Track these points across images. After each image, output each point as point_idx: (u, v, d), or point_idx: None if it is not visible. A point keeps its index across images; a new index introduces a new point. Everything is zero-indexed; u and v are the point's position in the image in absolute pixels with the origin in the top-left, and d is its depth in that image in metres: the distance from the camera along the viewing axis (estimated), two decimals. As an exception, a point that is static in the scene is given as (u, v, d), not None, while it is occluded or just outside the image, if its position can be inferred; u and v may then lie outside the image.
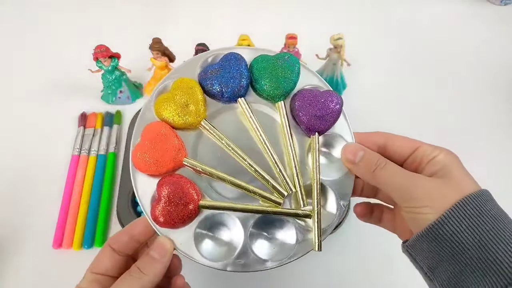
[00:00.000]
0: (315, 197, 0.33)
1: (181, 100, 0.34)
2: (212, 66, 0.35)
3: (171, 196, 0.31)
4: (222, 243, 0.33)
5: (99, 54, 0.56)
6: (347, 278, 0.50)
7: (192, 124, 0.34)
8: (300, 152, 0.35)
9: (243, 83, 0.34)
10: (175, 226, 0.32)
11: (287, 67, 0.35)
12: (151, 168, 0.32)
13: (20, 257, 0.50)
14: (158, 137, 0.33)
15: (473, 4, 0.79)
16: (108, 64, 0.57)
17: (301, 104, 0.35)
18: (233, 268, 0.32)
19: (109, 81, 0.60)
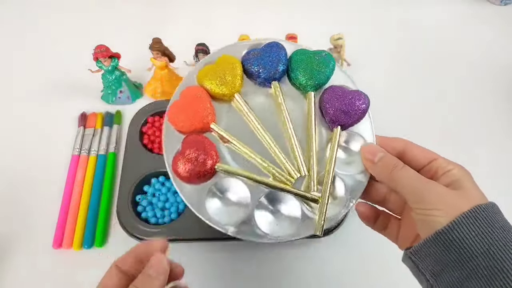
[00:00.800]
0: (326, 184, 0.34)
1: (221, 72, 0.37)
2: (255, 49, 0.39)
3: (192, 151, 0.34)
4: (229, 208, 0.35)
5: (99, 54, 0.56)
6: (347, 278, 0.50)
7: (226, 95, 0.37)
8: (320, 143, 0.37)
9: (279, 68, 0.37)
10: (190, 180, 0.34)
11: (323, 62, 0.37)
12: (181, 124, 0.36)
13: (20, 257, 0.50)
14: (194, 98, 0.36)
15: (473, 4, 0.79)
16: (108, 64, 0.57)
17: (329, 97, 0.37)
18: (234, 233, 0.34)
19: (109, 81, 0.60)
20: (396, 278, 0.50)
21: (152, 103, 0.61)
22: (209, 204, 0.34)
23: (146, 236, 0.50)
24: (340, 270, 0.50)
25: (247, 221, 0.34)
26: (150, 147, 0.58)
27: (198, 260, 0.51)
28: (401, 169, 0.32)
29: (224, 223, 0.34)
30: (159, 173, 0.54)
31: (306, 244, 0.52)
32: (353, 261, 0.51)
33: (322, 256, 0.51)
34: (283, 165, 0.35)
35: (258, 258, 0.51)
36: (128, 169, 0.54)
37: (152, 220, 0.51)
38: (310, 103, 0.37)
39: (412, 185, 0.31)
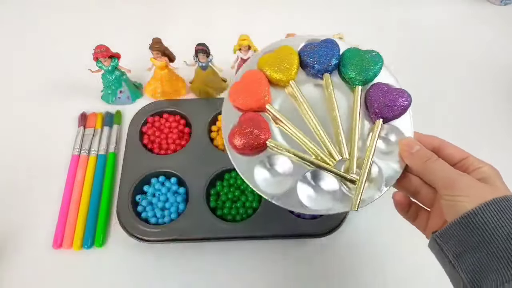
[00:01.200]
0: (365, 168, 0.38)
1: (279, 60, 0.41)
2: (312, 43, 0.43)
3: (248, 125, 0.38)
4: (275, 179, 0.39)
5: (99, 54, 0.56)
6: (347, 277, 0.50)
7: (282, 81, 0.41)
8: (362, 133, 0.40)
9: (332, 62, 0.41)
10: (244, 152, 0.39)
11: (372, 60, 0.41)
12: (240, 102, 0.40)
13: (20, 257, 0.50)
14: (255, 80, 0.40)
15: (473, 4, 0.79)
16: (108, 64, 0.57)
17: (375, 92, 0.40)
18: (276, 201, 0.38)
19: (109, 81, 0.60)
20: (396, 278, 0.50)
21: (152, 103, 0.61)
22: (257, 173, 0.38)
23: (146, 236, 0.50)
24: (340, 270, 0.50)
25: (289, 193, 0.38)
26: (150, 147, 0.58)
27: (198, 260, 0.51)
28: (434, 161, 0.35)
29: (269, 192, 0.38)
30: (159, 173, 0.54)
31: (306, 244, 0.52)
32: (353, 261, 0.51)
33: (322, 255, 0.51)
34: (327, 148, 0.39)
35: (258, 258, 0.51)
36: (128, 169, 0.55)
37: (152, 220, 0.51)
38: (357, 96, 0.41)
39: (444, 175, 0.34)
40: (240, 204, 0.52)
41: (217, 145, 0.57)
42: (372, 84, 0.41)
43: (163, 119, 0.60)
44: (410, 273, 0.50)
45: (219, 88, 0.64)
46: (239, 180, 0.54)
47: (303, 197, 0.38)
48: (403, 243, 0.52)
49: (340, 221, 0.51)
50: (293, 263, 0.51)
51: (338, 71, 0.42)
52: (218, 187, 0.54)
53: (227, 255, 0.51)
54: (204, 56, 0.57)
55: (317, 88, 0.42)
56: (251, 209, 0.52)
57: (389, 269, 0.51)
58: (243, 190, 0.53)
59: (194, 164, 0.55)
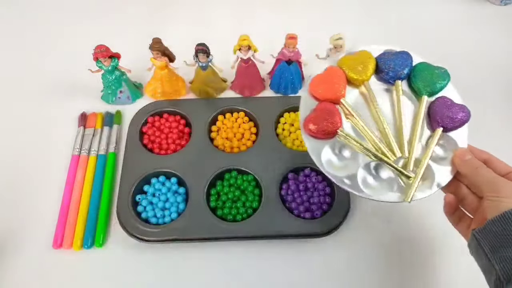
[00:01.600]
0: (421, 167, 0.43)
1: (358, 62, 0.47)
2: (390, 52, 0.48)
3: (322, 112, 0.44)
4: (340, 163, 0.44)
5: (99, 54, 0.56)
6: (346, 277, 0.50)
7: (357, 80, 0.47)
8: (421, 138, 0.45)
9: (405, 71, 0.47)
10: (317, 135, 0.44)
11: (441, 76, 0.47)
12: (319, 92, 0.45)
13: (20, 257, 0.50)
14: (335, 75, 0.46)
15: (473, 4, 0.79)
16: (108, 64, 0.57)
17: (439, 103, 0.46)
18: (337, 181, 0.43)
19: (109, 81, 0.60)
20: (395, 277, 0.50)
21: (152, 103, 0.61)
22: (324, 155, 0.44)
23: (146, 236, 0.50)
24: (339, 269, 0.50)
25: (350, 177, 0.43)
26: (150, 147, 0.58)
27: (198, 259, 0.51)
28: (483, 168, 0.40)
29: (332, 172, 0.43)
30: (159, 173, 0.54)
31: (306, 244, 0.52)
32: (352, 261, 0.51)
33: (322, 255, 0.51)
34: (389, 145, 0.44)
35: (258, 257, 0.51)
36: (128, 169, 0.55)
37: (152, 220, 0.51)
38: (423, 104, 0.46)
39: (491, 180, 0.39)
40: (240, 204, 0.52)
41: (217, 145, 0.57)
42: (437, 96, 0.47)
43: (163, 119, 0.60)
44: (409, 271, 0.50)
45: (219, 88, 0.64)
46: (239, 180, 0.54)
47: (362, 182, 0.43)
48: (402, 243, 0.52)
49: (340, 222, 0.51)
50: (293, 263, 0.51)
51: (408, 80, 0.48)
52: (218, 187, 0.54)
53: (227, 255, 0.51)
54: (204, 56, 0.57)
55: (386, 92, 0.48)
56: (251, 209, 0.52)
57: (388, 268, 0.51)
58: (243, 190, 0.53)
59: (194, 164, 0.55)
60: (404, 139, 0.44)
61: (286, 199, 0.53)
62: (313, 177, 0.54)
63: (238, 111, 0.61)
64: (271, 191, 0.52)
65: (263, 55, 0.59)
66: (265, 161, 0.55)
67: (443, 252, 0.52)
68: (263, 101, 0.62)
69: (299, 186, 0.54)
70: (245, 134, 0.59)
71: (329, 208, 0.52)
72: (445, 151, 0.45)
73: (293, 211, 0.52)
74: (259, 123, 0.59)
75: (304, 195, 0.53)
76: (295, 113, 0.61)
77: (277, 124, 0.60)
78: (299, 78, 0.63)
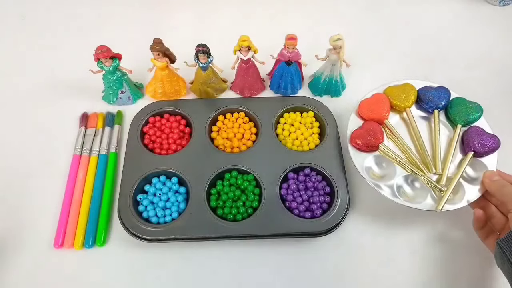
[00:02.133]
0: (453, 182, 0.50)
1: (401, 91, 0.57)
2: (431, 86, 0.58)
3: (368, 129, 0.53)
4: (379, 171, 0.53)
5: (100, 54, 0.56)
6: (346, 276, 0.50)
7: (400, 107, 0.56)
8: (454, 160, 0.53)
9: (443, 102, 0.56)
10: (360, 148, 0.52)
11: (475, 109, 0.55)
12: (366, 112, 0.55)
13: (21, 256, 0.51)
14: (381, 101, 0.56)
15: (472, 4, 0.80)
16: (109, 65, 0.58)
17: (472, 132, 0.54)
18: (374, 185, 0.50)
19: (110, 81, 0.60)
20: (394, 276, 0.50)
21: (153, 103, 0.62)
22: (367, 165, 0.52)
23: (147, 236, 0.50)
24: (339, 268, 0.51)
25: (388, 185, 0.51)
26: (151, 147, 0.58)
27: (198, 258, 0.51)
28: (510, 187, 0.46)
29: (370, 179, 0.51)
30: (160, 173, 0.55)
31: (306, 243, 0.52)
32: (351, 260, 0.51)
33: (322, 254, 0.51)
34: (425, 161, 0.52)
35: (258, 256, 0.51)
36: (129, 168, 0.55)
37: (153, 220, 0.52)
38: (457, 131, 0.54)
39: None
40: (241, 203, 0.52)
41: (218, 145, 0.58)
42: (471, 126, 0.55)
43: (164, 119, 0.60)
44: (408, 271, 0.51)
45: (220, 89, 0.64)
46: (240, 180, 0.54)
47: (399, 191, 0.51)
48: (402, 243, 0.53)
49: (339, 221, 0.51)
50: (293, 262, 0.51)
51: (444, 111, 0.57)
52: (219, 186, 0.54)
53: (227, 255, 0.51)
54: (204, 57, 0.57)
55: (424, 120, 0.57)
56: (251, 208, 0.52)
57: (387, 267, 0.51)
58: (244, 190, 0.54)
59: (194, 164, 0.55)
60: (438, 158, 0.52)
61: (286, 199, 0.53)
62: (313, 177, 0.55)
63: (238, 111, 0.61)
64: (271, 191, 0.53)
65: (263, 56, 0.59)
66: (265, 161, 0.55)
67: (442, 252, 0.52)
68: (263, 102, 0.63)
69: (299, 185, 0.54)
70: (245, 134, 0.59)
71: (329, 207, 0.52)
72: (476, 173, 0.52)
73: (293, 210, 0.52)
74: (259, 123, 0.59)
75: (304, 195, 0.53)
76: (295, 113, 0.61)
77: (277, 124, 0.60)
78: (298, 79, 0.64)
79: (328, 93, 0.65)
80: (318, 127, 0.60)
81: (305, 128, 0.59)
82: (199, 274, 0.50)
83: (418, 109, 0.58)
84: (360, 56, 0.67)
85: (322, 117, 0.60)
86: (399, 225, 0.54)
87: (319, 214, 0.52)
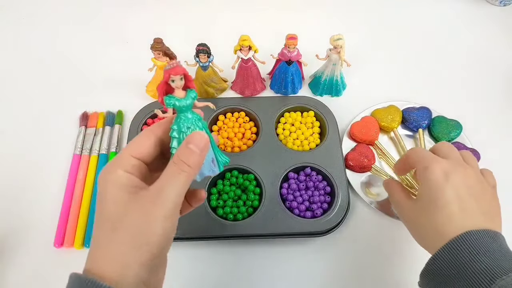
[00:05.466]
0: None
1: (388, 113, 0.61)
2: (413, 107, 0.62)
3: (361, 151, 0.57)
4: (373, 190, 0.56)
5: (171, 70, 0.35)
6: (345, 276, 0.50)
7: (387, 127, 0.60)
8: None
9: (426, 122, 0.60)
10: (354, 169, 0.56)
11: (455, 126, 0.60)
12: (358, 135, 0.59)
13: (21, 256, 0.50)
14: (370, 123, 0.60)
15: (472, 4, 0.80)
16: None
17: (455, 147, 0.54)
18: (372, 204, 0.54)
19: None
20: (394, 276, 0.50)
21: (153, 103, 0.61)
22: (361, 184, 0.56)
23: (148, 235, 0.50)
24: (339, 268, 0.51)
25: (381, 202, 0.55)
26: (151, 146, 0.58)
27: (198, 258, 0.51)
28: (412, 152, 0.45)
29: (365, 197, 0.54)
30: (160, 173, 0.55)
31: (306, 243, 0.52)
32: (352, 260, 0.51)
33: (322, 254, 0.51)
34: (414, 177, 0.54)
35: (258, 256, 0.51)
36: (130, 168, 0.55)
37: (153, 219, 0.51)
38: None
39: None
40: (241, 203, 0.52)
41: (218, 145, 0.58)
42: (453, 141, 0.59)
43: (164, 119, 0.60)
44: (407, 271, 0.51)
45: (220, 88, 0.64)
46: (240, 179, 0.54)
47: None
48: (402, 242, 0.52)
49: (340, 221, 0.51)
50: (293, 261, 0.51)
51: (428, 129, 0.61)
52: (219, 186, 0.54)
53: (227, 254, 0.51)
54: (205, 56, 0.57)
55: (410, 138, 0.61)
56: (252, 208, 0.52)
57: (388, 267, 0.51)
58: (244, 189, 0.54)
59: (195, 163, 0.55)
60: None
61: (286, 198, 0.53)
62: (313, 176, 0.54)
63: (238, 111, 0.61)
64: (271, 190, 0.53)
65: (263, 55, 0.59)
66: (265, 160, 0.55)
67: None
68: (264, 101, 0.63)
69: (300, 185, 0.54)
70: (245, 134, 0.59)
71: (329, 207, 0.52)
72: None
73: (294, 210, 0.52)
74: (260, 123, 0.59)
75: (304, 194, 0.53)
76: (296, 113, 0.61)
77: (277, 124, 0.60)
78: (299, 78, 0.63)
79: (328, 92, 0.65)
80: (319, 127, 0.60)
81: (305, 127, 0.59)
82: (198, 273, 0.50)
83: (404, 128, 0.61)
84: (361, 56, 0.67)
85: (323, 116, 0.60)
86: (399, 225, 0.54)
87: (320, 213, 0.51)
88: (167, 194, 0.29)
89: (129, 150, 0.31)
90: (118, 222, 0.29)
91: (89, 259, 0.30)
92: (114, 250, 0.28)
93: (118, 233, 0.28)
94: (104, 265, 0.28)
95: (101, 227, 0.29)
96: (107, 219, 0.29)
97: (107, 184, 0.30)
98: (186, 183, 0.30)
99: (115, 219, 0.29)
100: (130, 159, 0.31)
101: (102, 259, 0.29)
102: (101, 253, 0.29)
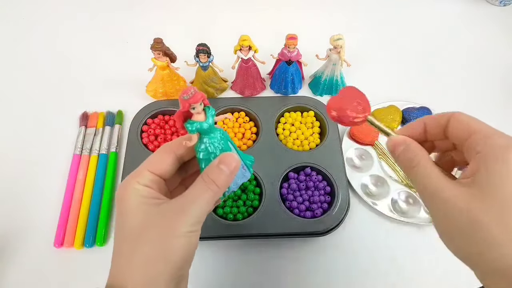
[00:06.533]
0: None
1: (388, 113, 0.61)
2: (413, 107, 0.62)
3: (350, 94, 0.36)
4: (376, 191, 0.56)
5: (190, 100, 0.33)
6: (345, 276, 0.50)
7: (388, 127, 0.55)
8: None
9: None
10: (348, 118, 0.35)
11: None
12: (358, 136, 0.59)
13: (21, 256, 0.50)
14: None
15: (472, 4, 0.80)
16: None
17: None
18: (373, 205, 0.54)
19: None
20: (394, 276, 0.50)
21: (154, 103, 0.61)
22: (363, 185, 0.56)
23: (147, 235, 0.50)
24: (339, 268, 0.51)
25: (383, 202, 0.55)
26: (151, 146, 0.58)
27: (198, 258, 0.51)
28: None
29: (366, 198, 0.54)
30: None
31: (306, 243, 0.52)
32: (352, 260, 0.51)
33: (322, 254, 0.51)
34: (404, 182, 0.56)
35: (258, 256, 0.51)
36: (129, 168, 0.55)
37: (153, 219, 0.51)
38: None
39: None
40: (241, 203, 0.52)
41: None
42: None
43: (164, 119, 0.60)
44: (407, 272, 0.51)
45: (220, 88, 0.64)
46: (240, 179, 0.54)
47: (393, 207, 0.54)
48: (402, 242, 0.53)
49: (339, 221, 0.51)
50: (293, 261, 0.51)
51: None
52: (219, 186, 0.54)
53: (227, 254, 0.51)
54: (205, 56, 0.57)
55: None
56: (252, 208, 0.52)
57: (387, 266, 0.51)
58: (244, 189, 0.54)
59: (195, 163, 0.55)
60: None
61: (286, 198, 0.53)
62: (313, 176, 0.54)
63: (239, 111, 0.61)
64: (271, 190, 0.53)
65: (263, 55, 0.59)
66: (265, 160, 0.55)
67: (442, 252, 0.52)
68: (264, 101, 0.63)
69: (300, 185, 0.54)
70: (245, 134, 0.59)
71: (329, 207, 0.52)
72: None
73: (294, 210, 0.52)
74: (260, 123, 0.59)
75: (304, 194, 0.53)
76: (296, 113, 0.61)
77: (277, 124, 0.60)
78: (299, 78, 0.64)
79: (328, 92, 0.65)
80: (319, 127, 0.60)
81: (305, 127, 0.59)
82: (198, 273, 0.50)
83: None
84: (361, 56, 0.67)
85: (323, 116, 0.60)
86: (399, 225, 0.54)
87: (320, 213, 0.51)
88: (192, 209, 0.29)
89: (147, 166, 0.31)
90: (141, 234, 0.28)
91: (112, 272, 0.29)
92: (138, 263, 0.28)
93: (141, 245, 0.28)
94: (128, 277, 0.28)
95: (123, 240, 0.29)
96: (130, 232, 0.29)
97: (126, 197, 0.29)
98: (211, 201, 0.30)
99: (138, 231, 0.28)
100: (148, 175, 0.30)
101: (125, 272, 0.28)
102: (124, 266, 0.29)
